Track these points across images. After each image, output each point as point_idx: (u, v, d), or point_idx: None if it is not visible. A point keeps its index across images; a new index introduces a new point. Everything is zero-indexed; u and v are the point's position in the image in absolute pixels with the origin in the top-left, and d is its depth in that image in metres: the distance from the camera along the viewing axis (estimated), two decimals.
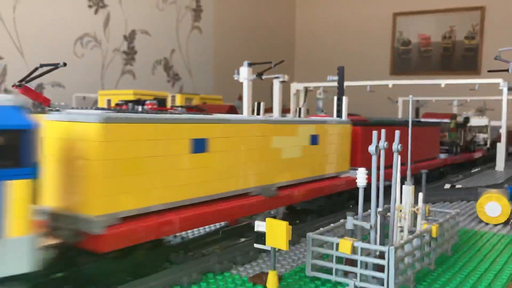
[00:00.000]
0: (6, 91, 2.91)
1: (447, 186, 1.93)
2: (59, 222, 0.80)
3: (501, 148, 2.57)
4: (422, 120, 2.44)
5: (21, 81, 1.40)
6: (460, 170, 2.58)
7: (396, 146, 0.97)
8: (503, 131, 2.58)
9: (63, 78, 3.14)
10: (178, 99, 2.58)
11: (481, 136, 2.94)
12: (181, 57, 4.12)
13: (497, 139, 2.80)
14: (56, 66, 1.44)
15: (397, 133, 0.96)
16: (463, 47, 4.89)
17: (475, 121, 2.92)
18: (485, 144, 2.96)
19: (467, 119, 2.65)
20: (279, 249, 0.93)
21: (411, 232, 1.02)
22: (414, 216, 1.06)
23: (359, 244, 0.90)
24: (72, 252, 0.82)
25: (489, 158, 2.94)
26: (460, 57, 4.91)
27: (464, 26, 4.86)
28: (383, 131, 0.96)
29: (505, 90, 2.44)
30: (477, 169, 2.60)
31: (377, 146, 0.94)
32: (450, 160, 2.38)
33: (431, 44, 5.01)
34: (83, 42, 3.34)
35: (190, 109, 1.72)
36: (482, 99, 3.32)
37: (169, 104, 2.32)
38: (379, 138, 0.95)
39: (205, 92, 3.74)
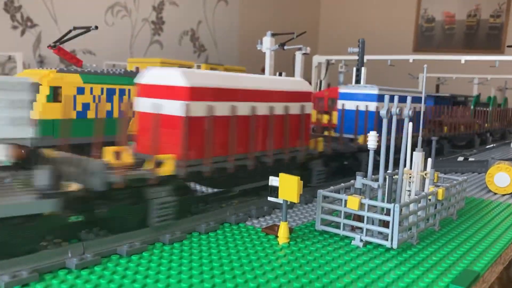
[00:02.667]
0: (40, 56, 3.03)
1: (460, 158, 1.95)
2: None
3: None
4: None
5: (55, 42, 1.49)
6: None
7: (407, 111, 1.02)
8: None
9: (94, 45, 3.24)
10: (203, 68, 2.64)
11: None
12: (207, 28, 4.17)
13: None
14: (88, 29, 1.53)
15: None
16: (487, 26, 4.80)
17: None
18: None
19: None
20: (291, 202, 1.00)
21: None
22: (423, 182, 1.11)
23: (367, 201, 0.96)
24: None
25: None
26: (484, 36, 4.82)
27: (490, 4, 4.77)
28: None
29: None
30: (492, 145, 2.62)
31: (388, 110, 0.99)
32: None
33: (455, 22, 4.93)
34: (113, 11, 3.43)
35: None
36: (504, 78, 3.26)
37: None
38: None
39: (230, 63, 3.79)
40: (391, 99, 1.00)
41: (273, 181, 0.97)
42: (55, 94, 1.15)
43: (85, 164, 0.83)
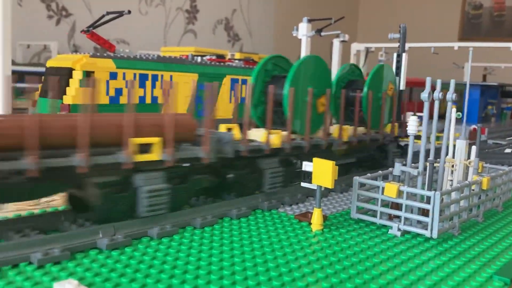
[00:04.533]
0: (74, 46, 3.08)
1: (508, 150, 1.85)
2: None
3: None
4: None
5: (89, 27, 1.50)
6: None
7: (450, 95, 0.96)
8: None
9: (127, 34, 3.27)
10: (237, 57, 2.62)
11: None
12: (242, 17, 4.14)
13: None
14: (121, 14, 1.52)
15: None
16: None
17: None
18: None
19: None
20: (325, 189, 0.97)
21: None
22: (466, 171, 1.05)
23: (405, 189, 0.91)
24: None
25: None
26: None
27: None
28: None
29: None
30: None
31: (430, 93, 0.94)
32: None
33: (505, 8, 4.63)
34: (147, 0, 3.44)
35: (247, 62, 1.76)
36: None
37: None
38: None
39: (265, 52, 3.75)
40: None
41: (306, 166, 0.94)
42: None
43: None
